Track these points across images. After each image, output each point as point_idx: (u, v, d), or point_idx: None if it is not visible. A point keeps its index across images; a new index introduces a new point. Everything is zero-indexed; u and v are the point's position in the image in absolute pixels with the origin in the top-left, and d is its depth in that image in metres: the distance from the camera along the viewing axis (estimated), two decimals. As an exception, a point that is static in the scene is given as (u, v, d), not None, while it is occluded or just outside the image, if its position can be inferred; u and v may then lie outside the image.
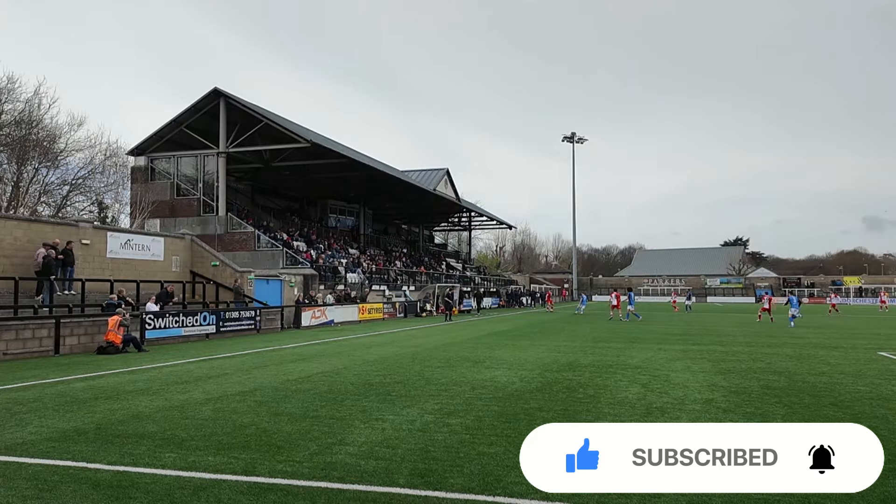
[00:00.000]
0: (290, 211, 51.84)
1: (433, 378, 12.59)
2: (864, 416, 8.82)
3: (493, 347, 19.30)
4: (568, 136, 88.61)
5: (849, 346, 19.63)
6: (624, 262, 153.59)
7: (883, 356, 16.79)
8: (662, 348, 18.95)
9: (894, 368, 14.26)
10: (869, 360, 15.78)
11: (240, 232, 37.44)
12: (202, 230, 36.62)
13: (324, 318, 31.28)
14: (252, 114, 37.18)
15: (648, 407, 9.59)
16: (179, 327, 22.15)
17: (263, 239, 37.23)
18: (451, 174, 61.09)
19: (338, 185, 51.66)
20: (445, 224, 79.24)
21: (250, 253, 36.29)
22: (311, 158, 41.12)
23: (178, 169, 39.37)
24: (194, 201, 38.61)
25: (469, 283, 60.07)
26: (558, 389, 11.20)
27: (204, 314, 23.74)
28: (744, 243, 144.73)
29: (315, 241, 45.01)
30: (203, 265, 30.65)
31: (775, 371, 13.76)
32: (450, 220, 76.28)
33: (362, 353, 17.85)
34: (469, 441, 7.40)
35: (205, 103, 37.55)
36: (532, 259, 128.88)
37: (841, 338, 23.29)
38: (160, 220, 38.18)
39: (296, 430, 7.99)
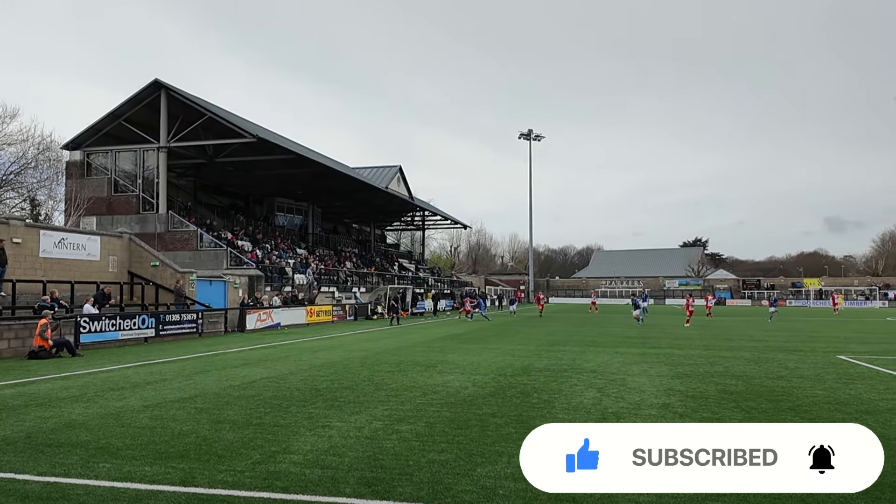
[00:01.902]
0: (235, 209, 51.12)
1: (383, 383, 12.59)
2: (822, 422, 9.10)
3: (445, 351, 19.37)
4: (525, 133, 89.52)
5: (808, 350, 20.23)
6: (582, 262, 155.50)
7: (841, 360, 17.35)
8: (619, 352, 19.27)
9: (853, 372, 14.73)
10: (827, 364, 16.28)
11: (181, 231, 36.78)
12: (141, 229, 35.88)
13: (270, 321, 30.95)
14: (195, 107, 36.57)
15: (604, 412, 9.76)
16: (116, 331, 21.67)
17: (206, 238, 36.64)
18: (404, 172, 61.09)
19: (285, 183, 51.14)
20: (398, 223, 79.13)
21: (192, 253, 35.68)
22: (257, 154, 40.61)
23: (116, 164, 38.49)
24: (133, 198, 37.79)
25: (422, 285, 60.11)
26: (512, 394, 11.31)
27: (142, 317, 23.26)
28: (703, 244, 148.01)
29: (261, 240, 44.49)
30: (142, 265, 30.02)
31: (733, 375, 14.12)
32: (402, 219, 76.19)
33: (310, 357, 17.73)
34: (419, 448, 7.43)
35: (145, 95, 36.78)
36: (487, 260, 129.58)
37: (800, 341, 23.99)
38: (97, 217, 37.27)
39: (238, 439, 7.90)
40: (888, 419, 9.24)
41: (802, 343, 22.83)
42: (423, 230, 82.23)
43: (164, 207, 37.09)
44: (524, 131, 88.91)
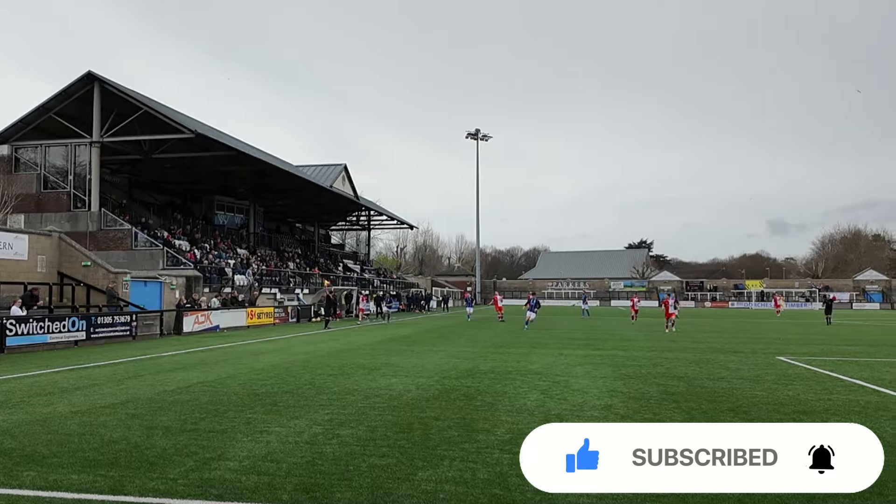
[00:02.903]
0: (173, 207, 50.05)
1: (325, 387, 12.50)
2: (761, 422, 9.40)
3: (390, 354, 19.33)
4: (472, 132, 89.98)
5: (748, 351, 20.81)
6: (528, 264, 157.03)
7: (781, 361, 17.89)
8: (564, 353, 19.53)
9: (791, 373, 15.20)
10: (767, 365, 16.78)
11: (115, 229, 35.84)
12: (72, 227, 34.85)
13: (208, 323, 30.40)
14: (130, 100, 35.67)
15: (547, 414, 9.88)
16: (45, 333, 21.03)
17: (141, 237, 35.79)
18: (350, 170, 60.74)
19: (225, 180, 50.32)
20: (343, 223, 78.63)
21: (127, 252, 34.81)
22: (196, 151, 39.86)
23: (45, 159, 37.30)
24: (64, 195, 36.66)
25: (368, 286, 59.85)
26: (456, 397, 11.36)
27: (73, 319, 22.60)
28: (648, 246, 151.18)
29: (199, 239, 43.65)
30: (73, 265, 29.17)
31: (675, 376, 14.45)
32: (348, 219, 75.73)
33: (249, 360, 17.48)
34: (360, 453, 7.41)
35: (77, 88, 35.71)
36: (434, 261, 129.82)
37: (741, 342, 24.68)
38: (25, 215, 36.05)
39: (171, 445, 7.75)
40: (825, 419, 9.59)
41: (743, 344, 23.49)
42: (369, 230, 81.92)
43: (97, 205, 36.09)
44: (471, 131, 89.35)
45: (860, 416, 9.83)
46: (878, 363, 17.40)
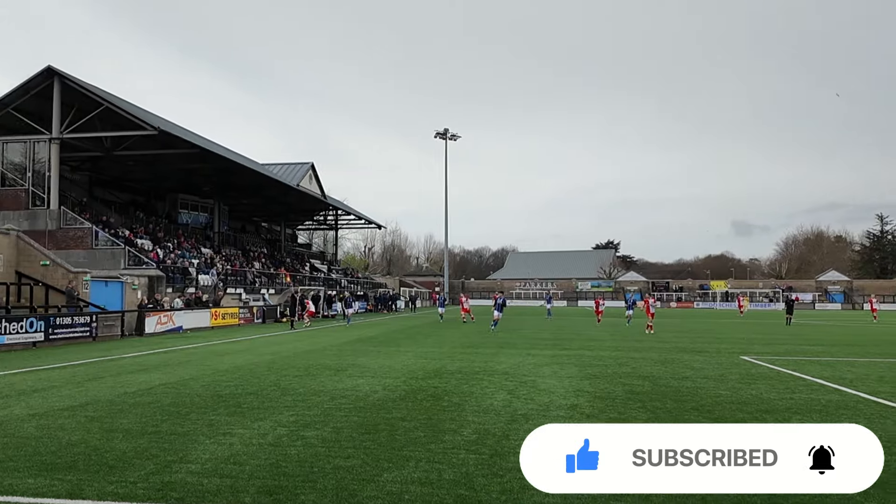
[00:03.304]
0: (135, 205, 49.27)
1: (290, 388, 12.42)
2: (724, 420, 9.54)
3: (357, 355, 19.26)
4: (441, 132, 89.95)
5: (713, 351, 21.11)
6: (497, 264, 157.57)
7: (745, 360, 18.17)
8: (531, 354, 19.64)
9: (755, 372, 15.46)
10: (731, 365, 17.03)
11: (75, 228, 35.14)
12: (31, 225, 34.09)
13: (171, 324, 30.00)
14: (91, 96, 35.01)
15: (513, 414, 9.93)
16: (2, 335, 20.64)
17: (102, 236, 35.15)
18: (317, 169, 60.40)
19: (190, 178, 49.70)
20: (310, 223, 78.15)
21: (87, 252, 34.15)
22: (159, 148, 39.31)
23: (3, 156, 36.40)
24: (22, 193, 35.81)
25: (335, 286, 59.56)
26: (423, 398, 11.36)
27: (31, 320, 22.16)
28: (615, 246, 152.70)
29: (162, 239, 43.04)
30: (31, 265, 28.59)
31: (640, 376, 14.61)
32: (315, 218, 75.27)
33: (213, 362, 17.29)
34: (325, 454, 7.37)
35: (37, 83, 34.92)
36: (402, 261, 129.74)
37: (706, 342, 25.03)
38: (-20, 213, 35.16)
39: (131, 448, 7.64)
40: (787, 418, 9.77)
41: (708, 344, 23.83)
42: (336, 230, 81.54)
43: (56, 203, 35.37)
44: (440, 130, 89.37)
45: (821, 414, 10.04)
46: (839, 363, 17.77)
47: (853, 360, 18.54)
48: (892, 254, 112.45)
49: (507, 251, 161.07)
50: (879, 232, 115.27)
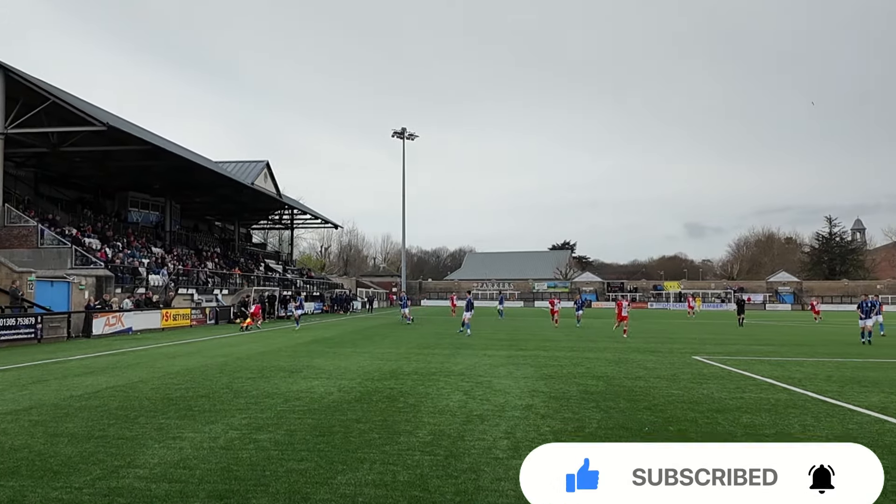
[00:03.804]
0: (83, 203, 48.09)
1: (243, 390, 12.26)
2: (676, 420, 9.72)
3: (312, 356, 19.12)
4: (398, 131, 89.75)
5: (666, 351, 21.47)
6: (454, 265, 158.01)
7: (697, 360, 18.53)
8: (488, 354, 19.73)
9: (706, 372, 15.77)
10: (684, 364, 17.36)
11: (19, 226, 34.14)
12: (-29, 223, 33.05)
13: (120, 325, 29.39)
14: (37, 90, 34.00)
15: (469, 415, 9.96)
16: (-63, 337, 19.92)
17: (48, 235, 34.24)
18: (273, 168, 59.75)
19: (140, 176, 48.69)
20: (265, 222, 77.24)
21: (32, 251, 33.21)
22: (108, 144, 38.37)
23: (-57, 152, 35.19)
24: (-38, 190, 34.69)
25: (290, 287, 58.99)
26: (378, 399, 11.33)
27: (-31, 321, 21.47)
28: (571, 247, 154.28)
29: (111, 237, 42.10)
30: (-30, 264, 27.66)
31: (595, 376, 14.79)
32: (270, 217, 74.42)
33: (164, 364, 16.98)
34: (278, 458, 7.30)
35: (-22, 76, 33.84)
36: (359, 261, 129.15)
37: (659, 342, 25.45)
38: (-81, 211, 33.95)
39: (77, 453, 7.47)
40: (737, 417, 9.98)
41: (661, 344, 24.24)
42: (292, 229, 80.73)
43: (0, 200, 34.34)
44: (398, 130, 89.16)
45: (771, 413, 10.28)
46: (789, 362, 18.23)
47: (802, 359, 19.03)
48: (841, 256, 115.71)
49: (464, 252, 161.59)
50: (828, 234, 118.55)
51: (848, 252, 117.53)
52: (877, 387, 13.24)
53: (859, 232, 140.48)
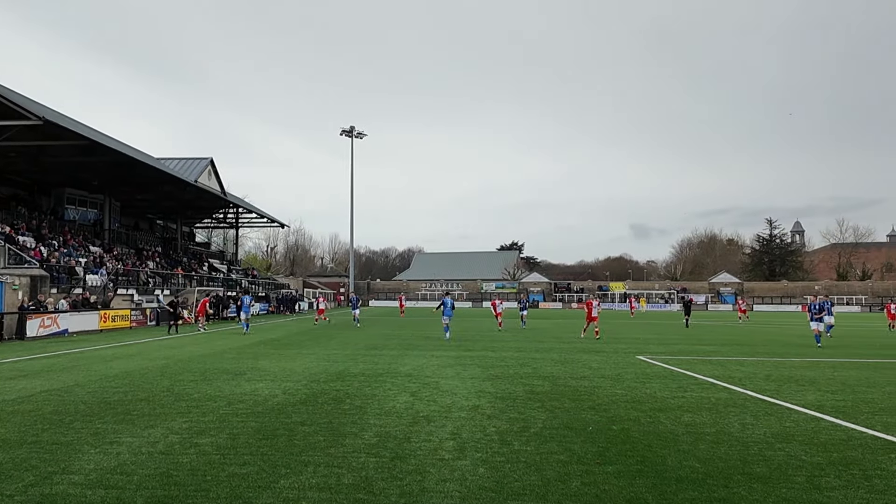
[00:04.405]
0: (17, 200, 46.47)
1: (184, 393, 12.04)
2: (619, 419, 9.90)
3: (257, 358, 18.87)
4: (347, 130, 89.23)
5: (611, 351, 21.82)
6: (403, 265, 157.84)
7: (640, 360, 18.89)
8: (436, 355, 19.76)
9: (649, 371, 16.10)
10: (627, 364, 17.68)
11: (-53, 223, 32.89)
12: None
13: (55, 326, 28.52)
14: (-34, 81, 32.85)
15: (415, 416, 9.97)
16: None
17: (-22, 232, 33.05)
18: (217, 165, 58.75)
19: (78, 172, 47.26)
20: (209, 220, 75.83)
21: (-40, 249, 32.02)
22: (44, 139, 37.21)
23: None
24: None
25: (235, 287, 58.07)
26: (324, 401, 11.25)
27: None
28: (519, 248, 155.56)
29: (47, 236, 40.84)
30: None
31: (541, 376, 14.96)
32: (214, 216, 73.10)
33: (101, 367, 16.55)
34: (219, 462, 7.19)
35: None
36: (306, 261, 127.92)
37: (604, 342, 25.83)
38: None
39: (9, 459, 7.25)
40: (678, 416, 10.21)
41: (606, 344, 24.61)
42: (237, 228, 79.43)
43: (-74, 196, 33.02)
44: (346, 128, 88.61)
45: (711, 412, 10.55)
46: (729, 362, 18.71)
47: (742, 359, 19.55)
48: (780, 257, 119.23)
49: (413, 252, 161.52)
50: (769, 235, 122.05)
51: (787, 254, 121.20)
52: (813, 385, 13.70)
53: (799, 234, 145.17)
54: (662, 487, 6.41)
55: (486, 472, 6.88)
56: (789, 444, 8.25)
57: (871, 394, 12.63)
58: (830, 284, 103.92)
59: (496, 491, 6.26)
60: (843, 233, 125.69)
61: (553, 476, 6.79)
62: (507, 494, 6.17)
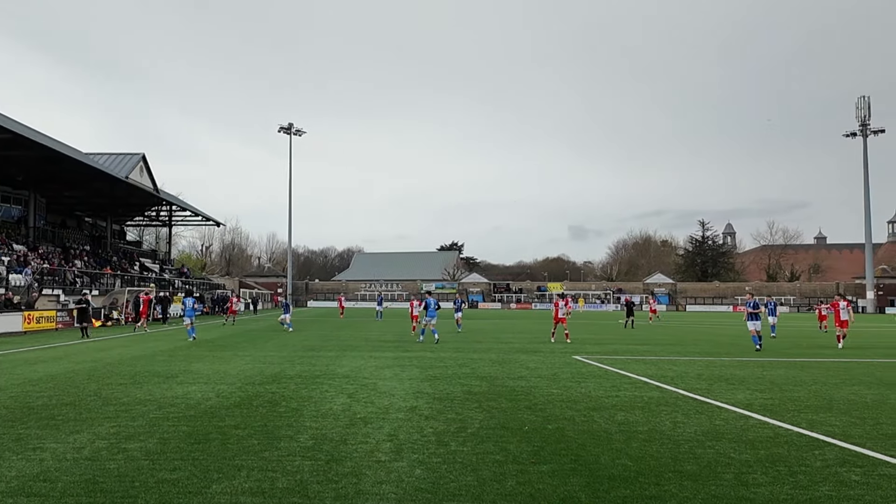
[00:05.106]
0: (-67, 195, 44.51)
1: (113, 397, 11.70)
2: (555, 419, 10.03)
3: (190, 360, 18.47)
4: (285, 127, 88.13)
5: (548, 351, 22.10)
6: (342, 265, 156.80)
7: (577, 359, 19.18)
8: (374, 356, 19.70)
9: (585, 371, 16.36)
10: (564, 364, 17.92)
11: None
12: None
13: (-24, 328, 27.37)
14: None
15: (352, 418, 9.92)
16: None
17: None
18: (150, 161, 57.27)
19: (0, 167, 45.52)
20: (141, 218, 73.88)
21: None
22: (-37, 132, 35.71)
23: None
24: None
25: (168, 287, 56.71)
26: (259, 404, 11.10)
27: None
28: (459, 248, 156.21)
29: (-33, 233, 39.17)
30: None
31: (479, 376, 15.06)
32: (146, 213, 71.25)
33: (25, 370, 15.96)
34: (148, 468, 7.02)
35: None
36: (243, 261, 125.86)
37: (541, 342, 26.17)
38: None
39: (-79, 470, 6.92)
40: (612, 415, 10.41)
41: (543, 345, 24.93)
42: (170, 226, 77.58)
43: None
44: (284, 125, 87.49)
45: (644, 411, 10.79)
46: (662, 361, 19.19)
47: (675, 358, 20.06)
48: (713, 258, 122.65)
49: (353, 252, 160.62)
50: (701, 237, 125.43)
51: (719, 255, 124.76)
52: (743, 384, 14.14)
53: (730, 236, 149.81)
54: (595, 486, 6.53)
55: (423, 474, 6.90)
56: (719, 442, 8.50)
57: (798, 392, 13.11)
58: (760, 285, 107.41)
59: (432, 492, 6.28)
60: (772, 235, 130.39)
61: (489, 476, 6.85)
62: (442, 495, 6.19)
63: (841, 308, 25.12)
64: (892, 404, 11.67)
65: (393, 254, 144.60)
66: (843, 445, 8.38)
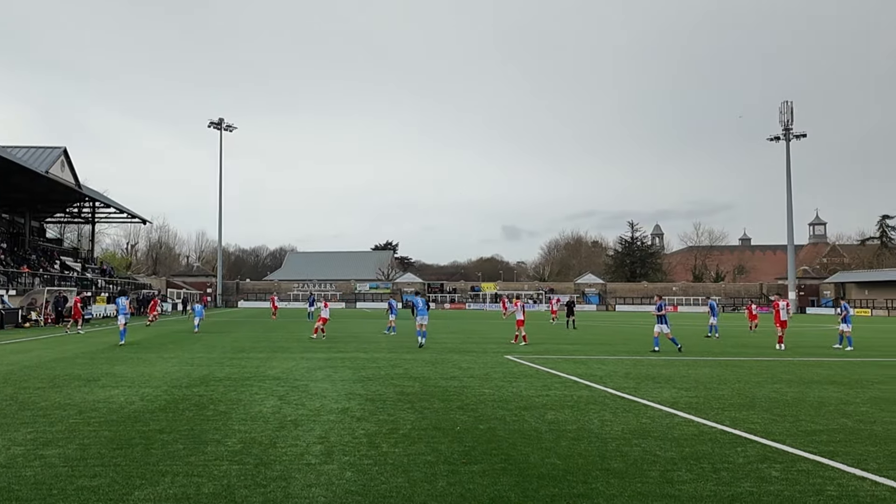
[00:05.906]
0: None
1: (30, 402, 11.26)
2: (486, 418, 10.12)
3: (113, 363, 17.89)
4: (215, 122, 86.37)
5: (480, 351, 22.27)
6: (275, 264, 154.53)
7: (509, 359, 19.39)
8: (306, 357, 19.50)
9: (517, 371, 16.56)
10: (496, 364, 18.10)
11: None
12: None
13: None
14: None
15: (282, 420, 9.79)
16: None
17: None
18: (73, 156, 55.31)
19: None
20: (62, 215, 71.32)
21: None
22: None
23: None
24: None
25: (90, 287, 54.85)
26: (185, 407, 10.84)
27: None
28: (394, 248, 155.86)
29: None
30: None
31: (411, 377, 15.07)
32: (68, 210, 68.81)
33: (-66, 374, 15.21)
34: (67, 474, 6.78)
35: None
36: (171, 260, 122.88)
37: (474, 342, 26.34)
38: None
39: None
40: (542, 414, 10.56)
41: (476, 345, 25.10)
42: (93, 224, 75.06)
43: None
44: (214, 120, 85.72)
45: (573, 409, 10.98)
46: (592, 360, 19.55)
47: (604, 357, 20.47)
48: (641, 259, 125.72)
49: (285, 251, 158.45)
50: (630, 238, 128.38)
51: (648, 256, 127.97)
52: (669, 383, 14.53)
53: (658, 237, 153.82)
54: (525, 485, 6.61)
55: (353, 476, 6.86)
56: (645, 440, 8.71)
57: (722, 390, 13.54)
58: (687, 285, 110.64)
59: (362, 494, 6.25)
60: (699, 236, 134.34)
61: (420, 477, 6.86)
62: (373, 497, 6.17)
63: (781, 308, 25.55)
64: (811, 401, 12.17)
65: (327, 253, 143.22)
66: (764, 442, 8.69)
